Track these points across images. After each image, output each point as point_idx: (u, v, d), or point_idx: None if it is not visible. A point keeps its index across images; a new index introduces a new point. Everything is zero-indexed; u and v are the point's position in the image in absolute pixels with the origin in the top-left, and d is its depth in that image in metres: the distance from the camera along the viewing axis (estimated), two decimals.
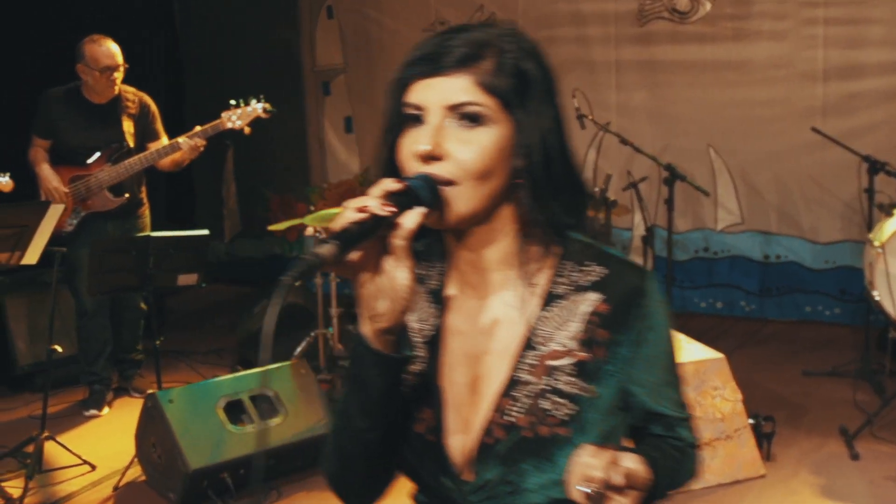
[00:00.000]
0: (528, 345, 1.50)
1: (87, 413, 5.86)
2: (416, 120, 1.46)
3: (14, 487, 4.71)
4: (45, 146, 5.66)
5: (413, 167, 1.44)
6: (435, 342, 1.55)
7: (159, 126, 5.92)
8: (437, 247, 1.58)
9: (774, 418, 4.94)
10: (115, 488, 4.76)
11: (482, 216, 1.47)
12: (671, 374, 1.55)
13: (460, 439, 1.51)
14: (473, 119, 1.43)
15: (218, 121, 5.51)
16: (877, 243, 5.07)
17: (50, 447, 4.98)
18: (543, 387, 1.47)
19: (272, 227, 6.23)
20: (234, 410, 4.71)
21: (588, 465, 1.30)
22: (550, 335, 1.48)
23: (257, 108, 5.51)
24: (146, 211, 5.97)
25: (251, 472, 4.48)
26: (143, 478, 4.80)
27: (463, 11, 7.93)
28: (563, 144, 1.50)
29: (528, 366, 1.48)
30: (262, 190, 9.08)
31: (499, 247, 1.50)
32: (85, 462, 5.01)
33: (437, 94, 1.43)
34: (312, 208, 8.31)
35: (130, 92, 5.82)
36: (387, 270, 1.39)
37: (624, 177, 6.89)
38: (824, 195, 7.19)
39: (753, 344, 6.87)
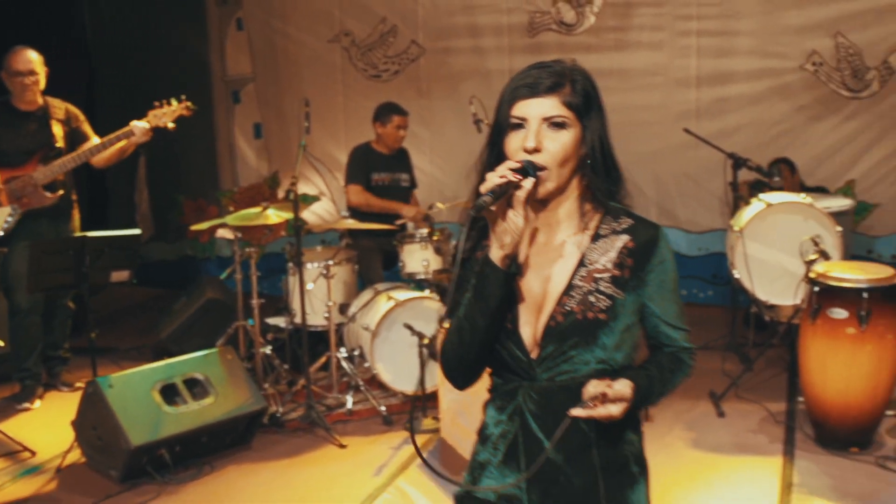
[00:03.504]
0: (582, 264, 2.18)
1: (19, 406, 6.17)
2: (519, 126, 2.14)
3: None
4: None
5: (519, 156, 2.12)
6: (519, 265, 2.17)
7: (87, 128, 6.29)
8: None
9: None
10: (59, 470, 5.12)
11: (561, 189, 2.17)
12: (674, 295, 2.24)
13: (531, 326, 2.17)
14: (560, 126, 2.13)
15: (145, 118, 5.87)
16: (736, 228, 5.78)
17: None
18: (591, 288, 2.15)
19: (195, 227, 6.64)
20: (169, 393, 5.17)
21: (592, 385, 2.04)
22: (596, 259, 2.17)
23: (180, 106, 5.91)
24: (76, 213, 6.34)
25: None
26: (84, 460, 5.19)
27: (367, 23, 8.45)
28: (609, 141, 2.21)
29: (581, 276, 2.16)
30: (174, 195, 9.43)
31: (567, 206, 2.21)
32: (25, 448, 5.36)
33: (536, 109, 2.12)
34: (229, 211, 8.69)
35: (57, 101, 6.22)
36: (510, 217, 2.06)
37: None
38: (697, 189, 7.92)
39: None
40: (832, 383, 5.09)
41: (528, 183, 2.06)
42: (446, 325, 2.20)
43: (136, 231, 5.53)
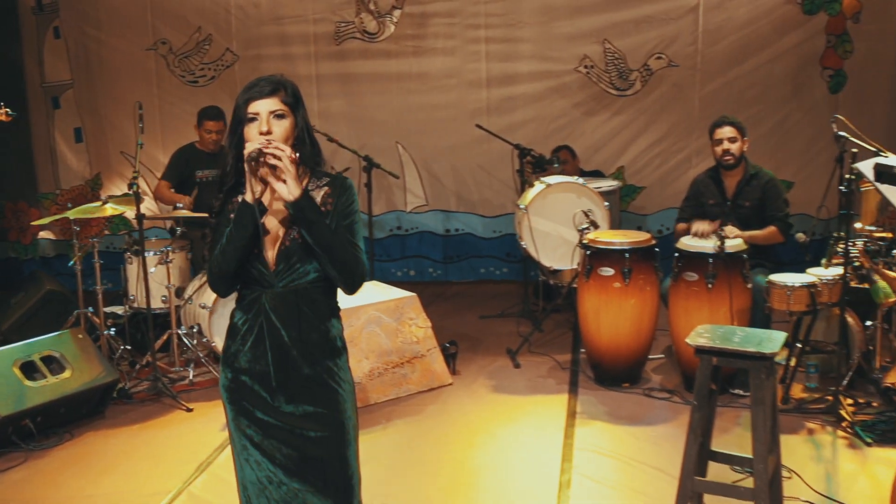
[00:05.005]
0: None
1: None
2: (253, 120, 3.03)
3: None
4: None
5: (257, 139, 2.97)
6: (262, 210, 3.04)
7: None
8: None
9: (457, 343, 6.58)
10: None
11: None
12: (356, 222, 3.11)
13: (271, 251, 3.07)
14: (281, 117, 3.05)
15: None
16: (522, 206, 6.77)
17: None
18: None
19: (35, 223, 7.09)
20: (29, 369, 5.69)
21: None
22: None
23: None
24: None
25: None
26: None
27: (182, 32, 9.01)
28: (311, 127, 3.17)
29: None
30: None
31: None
32: None
33: (264, 106, 3.03)
34: (52, 213, 9.04)
35: None
36: (261, 173, 2.97)
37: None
38: (490, 178, 8.93)
39: (441, 301, 8.49)
40: (605, 331, 6.15)
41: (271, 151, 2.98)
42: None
43: None
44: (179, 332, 6.64)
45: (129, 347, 6.81)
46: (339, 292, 3.17)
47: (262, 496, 3.17)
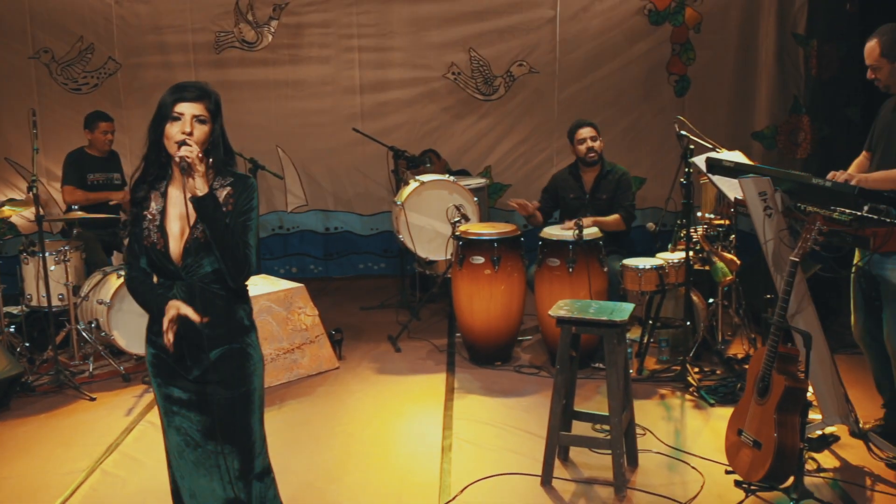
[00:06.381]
0: None
1: None
2: (177, 119, 3.32)
3: None
4: None
5: (178, 139, 3.31)
6: (164, 211, 3.42)
7: None
8: (162, 174, 3.46)
9: (342, 330, 7.09)
10: None
11: (199, 159, 3.33)
12: (251, 220, 3.41)
13: (175, 246, 3.38)
14: (202, 121, 3.35)
15: None
16: (399, 202, 7.32)
17: None
18: None
19: None
20: None
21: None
22: None
23: None
24: None
25: None
26: None
27: (64, 41, 9.19)
28: (226, 134, 3.46)
29: None
30: None
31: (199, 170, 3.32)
32: None
33: (190, 109, 3.33)
34: None
35: None
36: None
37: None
38: (366, 179, 9.46)
39: (324, 295, 8.94)
40: (478, 314, 6.73)
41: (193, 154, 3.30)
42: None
43: None
44: (78, 327, 6.96)
45: (27, 345, 7.08)
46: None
47: (182, 457, 3.57)
